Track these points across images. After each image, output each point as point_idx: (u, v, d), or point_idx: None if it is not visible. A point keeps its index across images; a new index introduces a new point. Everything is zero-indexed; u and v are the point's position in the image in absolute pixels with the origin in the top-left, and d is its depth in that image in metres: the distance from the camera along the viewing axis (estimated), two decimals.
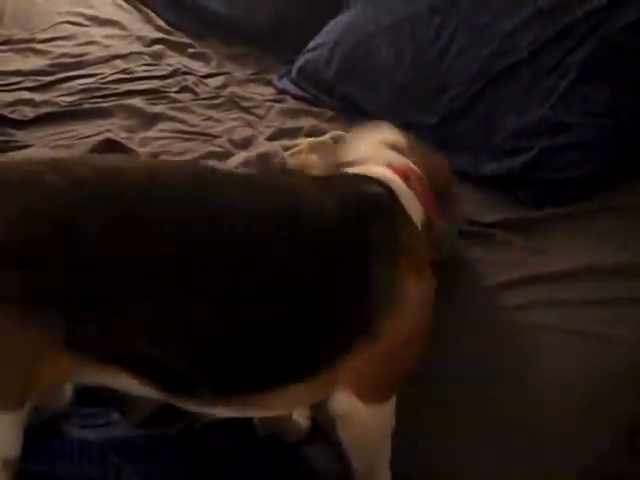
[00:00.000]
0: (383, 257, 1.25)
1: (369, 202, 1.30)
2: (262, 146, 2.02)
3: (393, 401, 1.31)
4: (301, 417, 1.44)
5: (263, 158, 1.97)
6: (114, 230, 1.09)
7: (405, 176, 1.41)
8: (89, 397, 1.41)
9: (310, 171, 1.78)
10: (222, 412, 1.26)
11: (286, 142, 2.14)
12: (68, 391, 1.31)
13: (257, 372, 1.19)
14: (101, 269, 1.08)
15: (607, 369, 1.54)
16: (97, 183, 1.12)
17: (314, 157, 1.95)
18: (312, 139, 2.09)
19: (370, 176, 1.37)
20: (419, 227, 1.39)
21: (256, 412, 1.31)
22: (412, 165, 1.48)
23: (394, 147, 1.54)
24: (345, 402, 1.25)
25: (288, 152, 2.01)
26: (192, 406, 1.23)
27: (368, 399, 1.26)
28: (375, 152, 1.50)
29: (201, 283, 1.13)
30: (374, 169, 1.40)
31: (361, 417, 1.27)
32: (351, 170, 1.43)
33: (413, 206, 1.38)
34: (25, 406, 1.10)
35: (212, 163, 2.08)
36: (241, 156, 2.02)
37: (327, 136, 2.08)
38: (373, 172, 1.39)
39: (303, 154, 2.01)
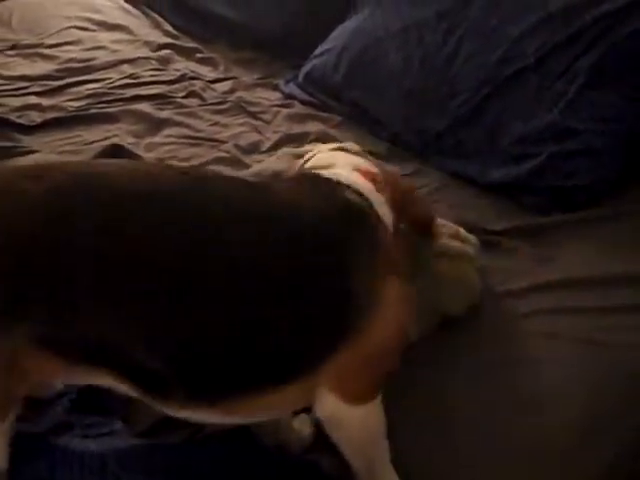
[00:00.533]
0: (362, 259, 1.24)
1: (347, 206, 1.30)
2: (279, 160, 2.00)
3: (378, 400, 1.29)
4: (304, 425, 1.44)
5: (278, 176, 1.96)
6: (98, 235, 1.10)
7: (373, 180, 1.39)
8: (92, 405, 1.41)
9: None
10: (204, 417, 1.25)
11: (298, 149, 2.13)
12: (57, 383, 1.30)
13: (236, 375, 1.18)
14: (83, 274, 1.08)
15: (614, 377, 1.52)
16: (76, 191, 1.12)
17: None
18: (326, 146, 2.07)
19: (342, 181, 1.35)
20: (391, 231, 1.38)
21: (238, 418, 1.29)
22: (375, 168, 1.46)
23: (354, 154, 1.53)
24: (329, 405, 1.24)
25: (299, 161, 2.00)
26: (171, 409, 1.22)
27: (352, 400, 1.25)
28: (340, 156, 1.49)
29: (182, 286, 1.12)
30: (343, 173, 1.38)
31: (347, 418, 1.26)
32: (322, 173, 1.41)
33: (384, 211, 1.37)
34: (9, 417, 1.10)
35: (223, 169, 2.08)
36: (256, 168, 2.01)
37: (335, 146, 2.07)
38: (344, 177, 1.37)
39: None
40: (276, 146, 2.24)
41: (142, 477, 1.33)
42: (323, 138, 2.23)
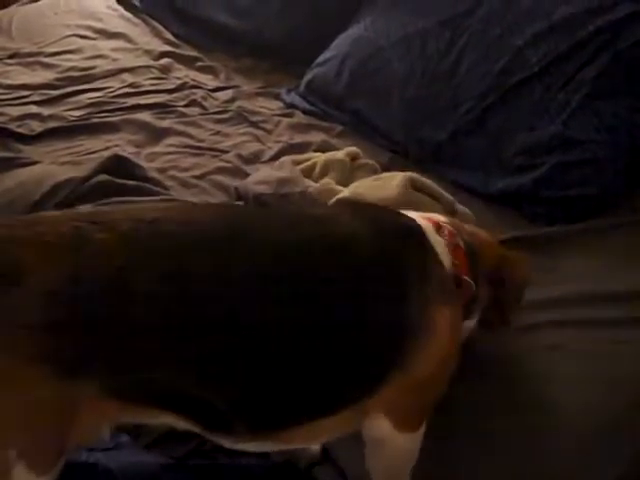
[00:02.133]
0: (415, 289, 1.27)
1: (403, 233, 1.33)
2: (281, 168, 1.99)
3: (422, 430, 1.33)
4: None
5: (283, 183, 1.95)
6: (162, 284, 1.09)
7: (436, 225, 1.41)
8: None
9: (332, 194, 1.78)
10: (257, 447, 1.28)
11: (298, 156, 2.13)
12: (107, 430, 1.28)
13: (297, 407, 1.21)
14: (152, 322, 1.08)
15: (618, 390, 1.51)
16: (141, 238, 1.11)
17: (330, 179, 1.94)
18: (327, 155, 2.07)
19: (401, 212, 1.40)
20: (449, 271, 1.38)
21: (289, 445, 1.32)
22: (445, 221, 1.47)
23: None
24: (382, 428, 1.28)
25: (300, 166, 1.99)
26: (229, 443, 1.24)
27: (403, 427, 1.29)
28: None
29: (247, 322, 1.14)
30: (406, 213, 1.42)
31: (395, 444, 1.30)
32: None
33: (441, 251, 1.37)
34: (59, 464, 1.08)
35: (224, 179, 2.08)
36: (259, 175, 2.01)
37: (342, 152, 2.06)
38: (404, 212, 1.41)
39: (317, 172, 2.00)
40: (278, 156, 2.23)
41: None
42: (325, 148, 2.23)
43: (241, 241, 1.17)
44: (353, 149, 2.07)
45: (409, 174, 1.82)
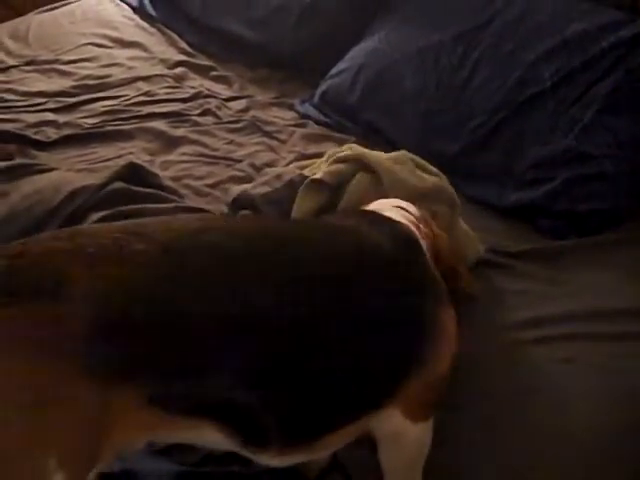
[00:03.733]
0: (428, 291, 1.35)
1: (410, 241, 1.41)
2: (289, 173, 2.01)
3: (432, 419, 1.38)
4: None
5: (282, 175, 1.97)
6: (209, 291, 1.12)
7: (416, 226, 1.48)
8: None
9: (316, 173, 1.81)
10: (289, 461, 1.29)
11: (303, 162, 2.14)
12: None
13: (330, 416, 1.25)
14: (198, 331, 1.10)
15: (630, 404, 1.52)
16: (183, 249, 1.14)
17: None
18: (332, 150, 2.09)
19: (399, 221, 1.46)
20: None
21: (318, 455, 1.36)
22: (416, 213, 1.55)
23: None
24: (397, 422, 1.33)
25: (306, 170, 2.01)
26: (264, 459, 1.25)
27: (416, 418, 1.34)
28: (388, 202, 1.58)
29: (287, 332, 1.17)
30: (394, 214, 1.49)
31: (411, 435, 1.36)
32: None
33: (426, 249, 1.46)
34: (92, 474, 1.08)
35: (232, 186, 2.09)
36: (255, 182, 2.03)
37: (344, 147, 2.08)
38: (394, 216, 1.47)
39: (318, 164, 2.02)
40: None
41: None
42: None
43: (284, 251, 1.22)
44: (353, 145, 2.09)
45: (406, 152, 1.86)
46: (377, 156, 1.76)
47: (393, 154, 1.76)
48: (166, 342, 1.07)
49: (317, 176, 1.74)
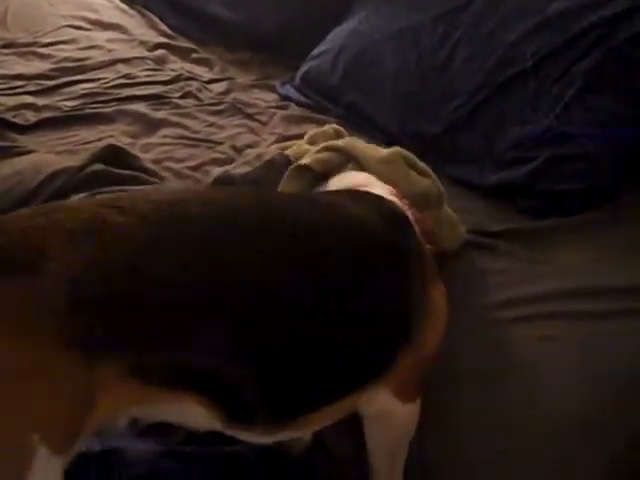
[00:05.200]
0: (417, 267, 1.33)
1: (397, 217, 1.40)
2: (269, 153, 2.00)
3: (419, 399, 1.38)
4: None
5: (262, 155, 1.97)
6: (188, 261, 1.11)
7: (402, 200, 1.48)
8: None
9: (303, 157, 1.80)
10: (274, 438, 1.28)
11: (284, 144, 2.14)
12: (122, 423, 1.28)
13: (316, 392, 1.23)
14: (180, 302, 1.09)
15: (611, 381, 1.52)
16: (163, 219, 1.13)
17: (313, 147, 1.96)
18: (314, 130, 2.09)
19: (385, 197, 1.45)
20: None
21: (302, 432, 1.35)
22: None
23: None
24: (385, 402, 1.32)
25: (288, 150, 2.00)
26: (248, 435, 1.24)
27: (405, 398, 1.34)
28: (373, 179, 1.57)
29: (272, 304, 1.16)
30: (379, 190, 1.48)
31: (398, 416, 1.35)
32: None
33: (416, 228, 1.45)
34: (71, 451, 1.08)
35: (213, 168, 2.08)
36: (236, 163, 2.02)
37: (327, 127, 2.08)
38: (384, 194, 1.46)
39: (300, 144, 2.01)
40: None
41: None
42: None
43: (267, 222, 1.20)
44: (335, 125, 2.09)
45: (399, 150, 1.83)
46: (367, 155, 1.73)
47: (385, 152, 1.73)
48: (147, 313, 1.06)
49: (305, 162, 1.72)
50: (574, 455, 1.42)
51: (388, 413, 1.34)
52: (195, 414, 1.17)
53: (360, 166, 1.70)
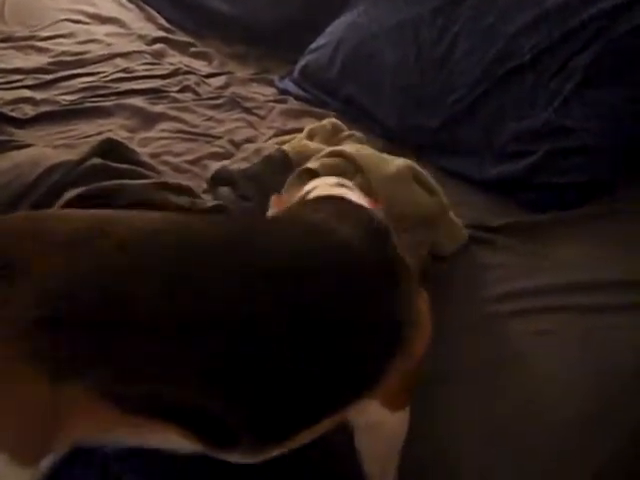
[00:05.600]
0: (401, 279, 1.30)
1: (380, 229, 1.36)
2: (267, 148, 2.00)
3: (409, 406, 1.35)
4: None
5: (260, 151, 1.96)
6: (166, 293, 1.08)
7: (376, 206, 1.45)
8: None
9: (306, 155, 1.78)
10: (261, 458, 1.25)
11: (282, 138, 2.13)
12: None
13: (303, 414, 1.21)
14: (152, 331, 1.07)
15: (610, 374, 1.52)
16: (141, 246, 1.11)
17: (311, 143, 1.95)
18: (312, 125, 2.08)
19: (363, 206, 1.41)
20: None
21: (292, 447, 1.29)
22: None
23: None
24: (375, 412, 1.29)
25: (286, 145, 2.00)
26: (236, 458, 1.22)
27: (394, 407, 1.31)
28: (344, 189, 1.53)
29: (250, 334, 1.12)
30: (356, 198, 1.44)
31: (388, 425, 1.33)
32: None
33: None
34: (45, 460, 1.07)
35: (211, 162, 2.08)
36: (241, 157, 2.02)
37: (325, 122, 2.08)
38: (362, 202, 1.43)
39: (299, 138, 2.01)
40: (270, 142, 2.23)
41: (143, 476, 1.33)
42: None
43: (242, 256, 1.17)
44: (334, 119, 2.08)
45: (410, 165, 1.81)
46: (375, 169, 1.71)
47: (395, 167, 1.72)
48: (116, 340, 1.04)
49: (312, 166, 1.71)
50: (574, 453, 1.41)
51: (378, 423, 1.31)
52: (176, 443, 1.15)
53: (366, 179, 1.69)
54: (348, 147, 1.81)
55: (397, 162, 1.75)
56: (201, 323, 1.10)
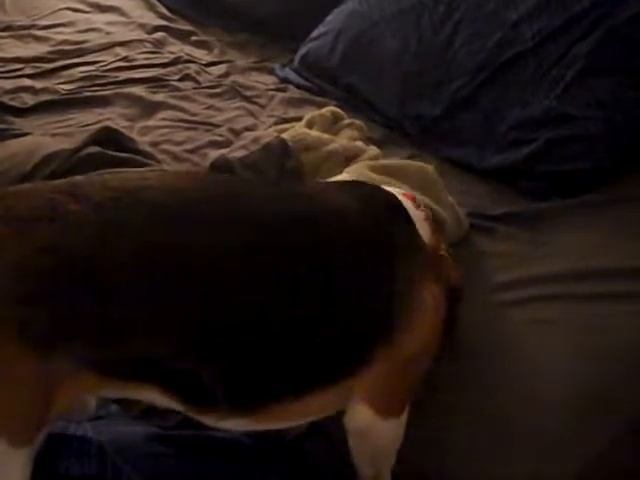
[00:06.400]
0: (404, 266, 1.25)
1: (389, 208, 1.32)
2: (267, 136, 1.99)
3: (405, 414, 1.32)
4: None
5: (258, 139, 1.95)
6: (141, 253, 1.07)
7: (412, 199, 1.41)
8: None
9: (305, 144, 1.76)
10: (240, 426, 1.25)
11: (281, 126, 2.12)
12: (92, 402, 1.27)
13: (276, 382, 1.18)
14: (131, 293, 1.06)
15: (611, 362, 1.51)
16: (120, 207, 1.09)
17: (311, 131, 1.94)
18: (312, 113, 2.07)
19: (381, 187, 1.39)
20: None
21: (273, 425, 1.29)
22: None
23: None
24: (364, 417, 1.26)
25: (285, 133, 1.99)
26: (212, 420, 1.21)
27: (386, 414, 1.28)
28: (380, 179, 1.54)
29: (228, 294, 1.12)
30: (384, 186, 1.42)
31: (379, 432, 1.29)
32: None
33: (421, 226, 1.37)
34: (41, 435, 1.07)
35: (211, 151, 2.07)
36: (232, 147, 2.01)
37: (325, 110, 2.07)
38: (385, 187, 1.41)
39: (298, 127, 2.00)
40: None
41: (141, 465, 1.33)
42: None
43: (228, 212, 1.15)
44: (333, 108, 2.06)
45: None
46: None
47: (416, 173, 1.72)
48: (95, 307, 1.04)
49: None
50: (574, 434, 1.40)
51: (368, 430, 1.28)
52: (156, 400, 1.15)
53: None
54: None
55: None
56: (180, 284, 1.09)
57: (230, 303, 1.12)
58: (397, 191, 1.43)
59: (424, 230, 1.36)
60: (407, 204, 1.37)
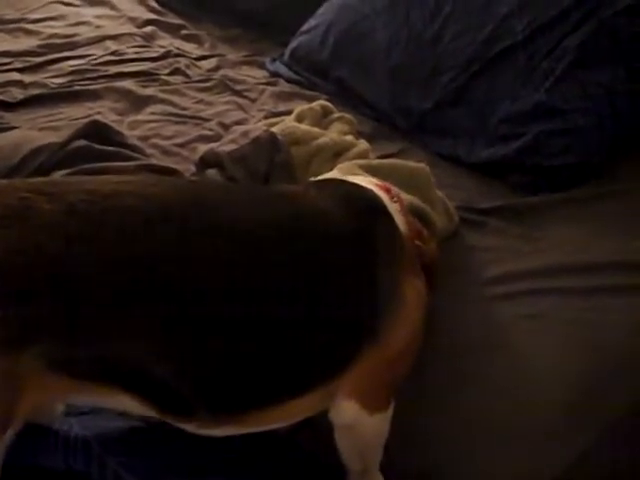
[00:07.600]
0: (386, 263, 1.25)
1: (369, 205, 1.32)
2: (256, 130, 1.98)
3: (391, 409, 1.32)
4: None
5: (247, 133, 1.94)
6: (109, 259, 1.06)
7: (387, 191, 1.41)
8: None
9: (295, 137, 1.76)
10: (221, 433, 1.24)
11: (271, 120, 2.12)
12: (59, 408, 1.26)
13: (259, 388, 1.17)
14: (102, 296, 1.05)
15: (599, 358, 1.51)
16: (90, 211, 1.08)
17: (300, 125, 1.94)
18: (301, 107, 2.06)
19: (361, 185, 1.39)
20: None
21: (254, 429, 1.27)
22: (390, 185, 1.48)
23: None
24: (350, 413, 1.26)
25: (274, 127, 1.98)
26: (191, 428, 1.20)
27: (372, 409, 1.27)
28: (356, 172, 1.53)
29: (202, 301, 1.11)
30: (359, 181, 1.42)
31: (365, 427, 1.29)
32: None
33: (398, 218, 1.37)
34: (7, 434, 1.06)
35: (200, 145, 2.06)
36: (222, 141, 2.00)
37: (315, 104, 2.06)
38: (362, 183, 1.40)
39: (288, 120, 1.99)
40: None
41: (126, 459, 1.32)
42: None
43: (203, 220, 1.14)
44: (323, 102, 2.06)
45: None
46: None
47: (409, 173, 1.72)
48: (65, 307, 1.03)
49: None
50: (562, 429, 1.40)
51: (355, 424, 1.27)
52: (128, 406, 1.14)
53: None
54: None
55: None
56: (149, 291, 1.08)
57: (202, 308, 1.10)
58: (371, 181, 1.44)
59: (400, 222, 1.36)
60: (383, 197, 1.38)
